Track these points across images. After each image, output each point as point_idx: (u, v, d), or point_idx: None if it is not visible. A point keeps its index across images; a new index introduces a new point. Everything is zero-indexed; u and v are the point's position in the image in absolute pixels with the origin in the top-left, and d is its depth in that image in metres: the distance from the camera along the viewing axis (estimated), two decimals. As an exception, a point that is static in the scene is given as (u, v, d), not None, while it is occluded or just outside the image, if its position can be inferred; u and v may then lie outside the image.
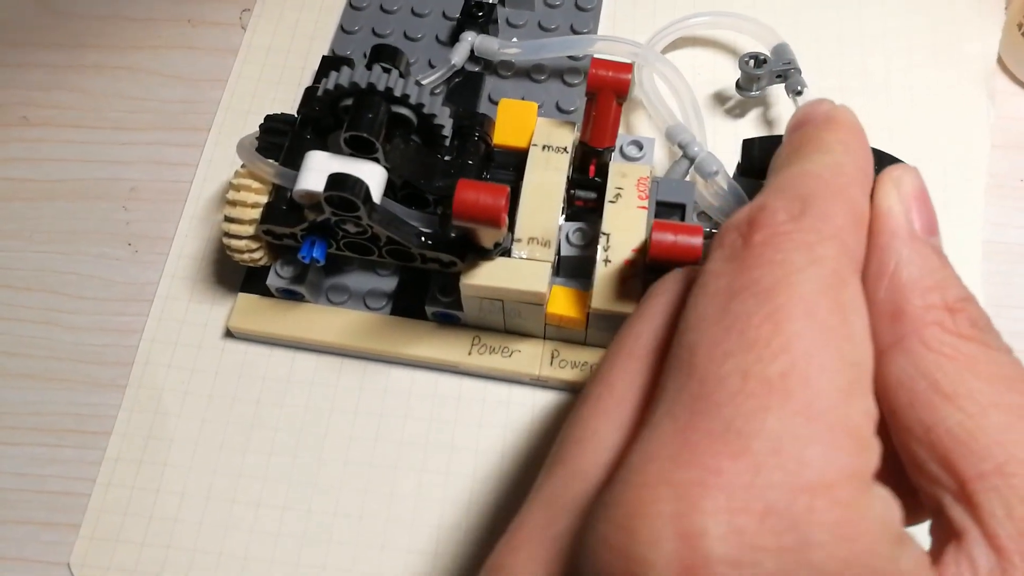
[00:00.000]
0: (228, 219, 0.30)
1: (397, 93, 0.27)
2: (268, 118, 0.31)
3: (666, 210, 0.29)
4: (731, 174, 0.31)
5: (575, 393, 0.32)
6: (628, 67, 0.28)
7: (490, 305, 0.30)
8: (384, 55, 0.29)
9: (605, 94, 0.29)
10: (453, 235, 0.28)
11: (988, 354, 0.17)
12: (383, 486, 0.30)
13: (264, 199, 0.30)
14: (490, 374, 0.32)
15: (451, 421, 0.31)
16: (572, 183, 0.31)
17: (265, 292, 0.32)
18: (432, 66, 0.37)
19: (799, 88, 0.35)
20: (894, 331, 0.17)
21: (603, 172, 0.30)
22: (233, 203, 0.30)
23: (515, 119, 0.31)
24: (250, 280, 0.33)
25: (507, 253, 0.28)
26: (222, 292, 0.34)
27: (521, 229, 0.29)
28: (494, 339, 0.32)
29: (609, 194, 0.29)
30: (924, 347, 0.17)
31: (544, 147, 0.30)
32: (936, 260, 0.18)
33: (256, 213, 0.30)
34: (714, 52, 0.39)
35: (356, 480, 0.31)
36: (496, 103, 0.36)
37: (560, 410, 0.32)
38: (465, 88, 0.37)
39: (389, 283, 0.33)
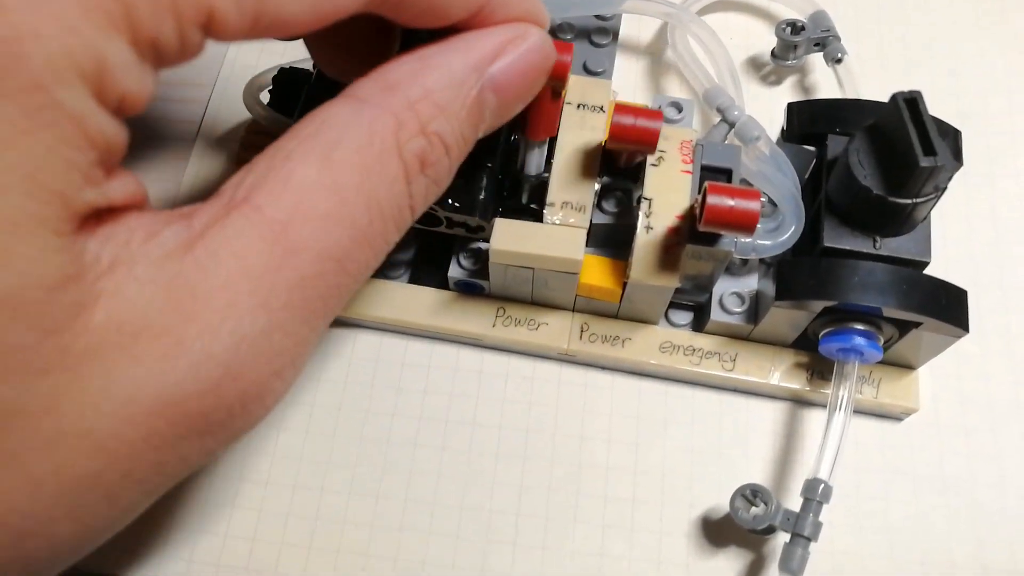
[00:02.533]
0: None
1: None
2: (282, 71, 0.29)
3: (711, 175, 0.27)
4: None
5: (604, 369, 0.30)
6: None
7: (518, 274, 0.28)
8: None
9: None
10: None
11: (392, 186, 0.16)
12: (400, 463, 0.29)
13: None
14: (514, 348, 0.30)
15: (473, 397, 0.30)
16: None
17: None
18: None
19: (838, 56, 0.33)
20: (380, 87, 0.16)
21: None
22: (243, 161, 0.28)
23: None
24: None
25: (540, 217, 0.27)
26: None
27: (554, 193, 0.27)
28: (520, 311, 0.30)
29: (651, 158, 0.27)
30: (370, 120, 0.16)
31: (579, 105, 0.28)
32: (464, 104, 0.17)
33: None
34: (748, 17, 0.37)
35: (371, 458, 0.29)
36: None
37: (589, 388, 0.30)
38: (487, 47, 0.35)
39: (407, 250, 0.31)
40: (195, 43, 0.14)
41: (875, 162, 0.25)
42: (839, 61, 0.33)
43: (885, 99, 0.30)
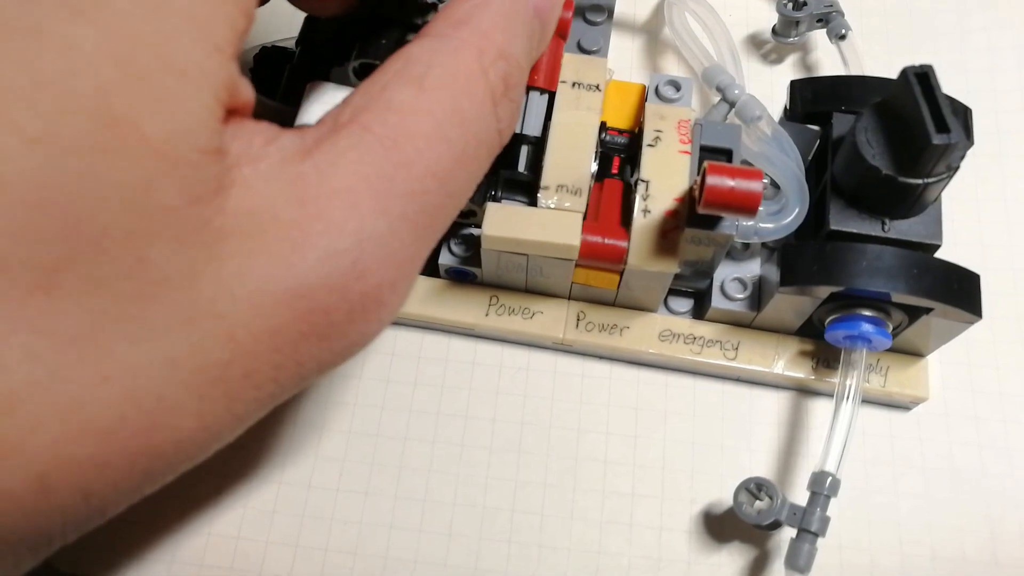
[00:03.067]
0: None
1: (416, 20, 0.24)
2: (263, 50, 0.28)
3: (710, 156, 0.26)
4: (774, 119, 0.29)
5: (602, 359, 0.29)
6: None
7: (511, 261, 0.27)
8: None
9: None
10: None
11: (481, 108, 0.17)
12: (390, 458, 0.28)
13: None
14: (508, 337, 0.29)
15: (465, 388, 0.29)
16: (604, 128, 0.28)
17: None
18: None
19: (842, 32, 0.32)
20: (452, 22, 0.17)
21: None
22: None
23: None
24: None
25: (534, 203, 0.25)
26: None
27: (549, 175, 0.26)
28: (514, 299, 0.29)
29: (647, 138, 0.26)
30: (453, 50, 0.16)
31: (574, 84, 0.27)
32: (525, 29, 0.18)
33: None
34: (747, -8, 0.35)
35: (359, 453, 0.28)
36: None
37: (585, 378, 0.29)
38: (478, 25, 0.34)
39: (396, 237, 0.30)
40: None
41: (884, 141, 0.24)
42: (843, 38, 0.32)
43: (891, 76, 0.29)
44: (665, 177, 0.25)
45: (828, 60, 0.34)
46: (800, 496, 0.25)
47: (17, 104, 0.11)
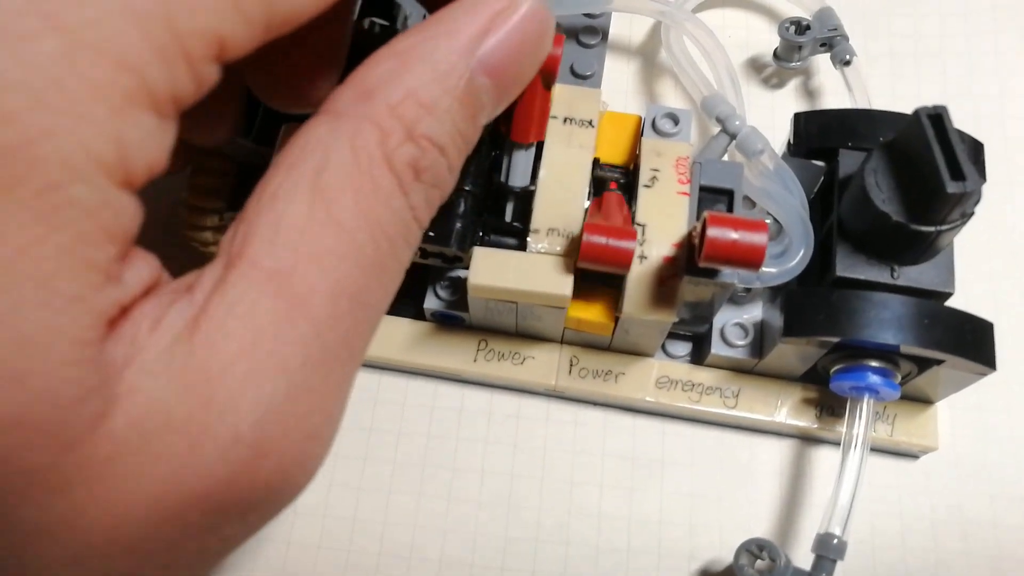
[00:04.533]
0: (191, 207, 0.25)
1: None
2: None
3: (711, 196, 0.25)
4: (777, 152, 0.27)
5: (596, 406, 0.28)
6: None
7: (500, 306, 0.25)
8: (377, 7, 0.25)
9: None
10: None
11: (389, 202, 0.14)
12: (374, 513, 0.26)
13: (229, 180, 0.25)
14: (498, 383, 0.28)
15: (452, 438, 0.27)
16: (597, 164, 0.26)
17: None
18: (427, 22, 0.32)
19: (847, 57, 0.31)
20: (356, 95, 0.15)
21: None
22: (195, 187, 0.25)
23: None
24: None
25: (523, 247, 0.24)
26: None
27: (539, 218, 0.24)
28: (503, 343, 0.27)
29: (643, 177, 0.25)
30: (351, 135, 0.14)
31: (566, 120, 0.25)
32: (454, 97, 0.15)
33: (220, 202, 0.25)
34: (748, 13, 0.34)
35: (339, 506, 0.26)
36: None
37: (579, 426, 0.27)
38: (465, 49, 0.32)
39: (379, 276, 0.28)
40: (211, 76, 0.13)
41: (894, 184, 0.23)
42: (847, 63, 0.31)
43: (897, 105, 0.27)
44: (663, 220, 0.24)
45: (831, 85, 0.32)
46: (804, 553, 0.24)
47: None
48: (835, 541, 0.23)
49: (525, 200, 0.25)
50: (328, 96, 0.15)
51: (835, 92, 0.32)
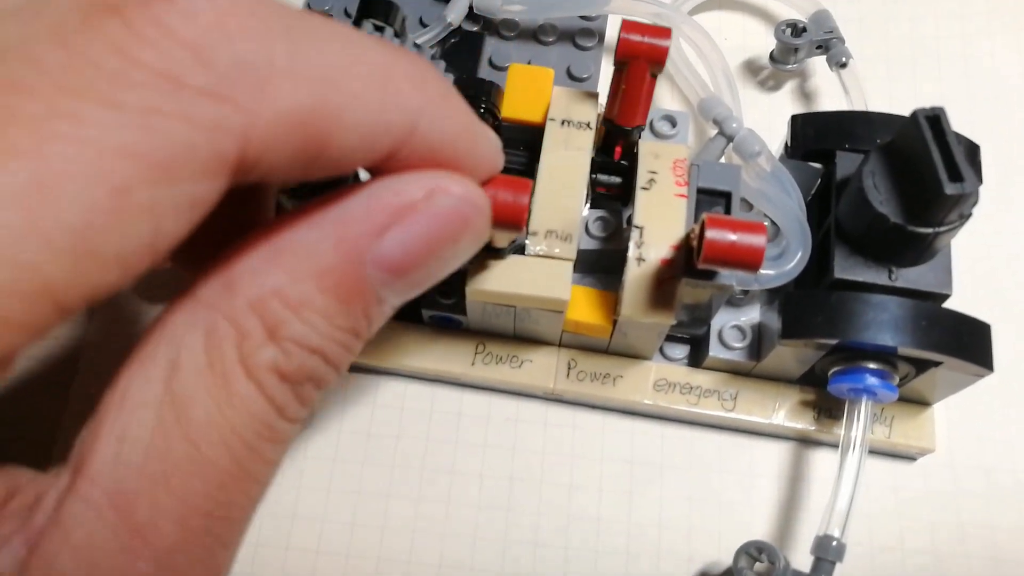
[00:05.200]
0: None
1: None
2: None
3: (708, 199, 0.25)
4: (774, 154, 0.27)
5: (594, 409, 0.28)
6: (666, 32, 0.24)
7: (498, 309, 0.25)
8: (375, 9, 0.24)
9: (638, 64, 0.24)
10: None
11: (247, 408, 0.13)
12: (372, 517, 0.26)
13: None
14: (496, 387, 0.28)
15: (451, 442, 0.27)
16: (595, 165, 0.26)
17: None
18: (424, 24, 0.32)
19: (843, 60, 0.31)
20: (220, 284, 0.13)
21: (630, 155, 0.26)
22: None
23: (528, 88, 0.26)
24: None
25: (521, 250, 0.24)
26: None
27: (537, 221, 0.24)
28: (501, 347, 0.27)
29: (641, 179, 0.25)
30: (207, 331, 0.13)
31: (563, 122, 0.25)
32: (331, 296, 0.13)
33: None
34: (744, 16, 0.34)
35: (338, 511, 0.26)
36: (498, 68, 0.32)
37: (577, 429, 0.27)
38: (462, 51, 0.32)
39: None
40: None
41: (892, 186, 0.23)
42: (844, 65, 0.31)
43: (893, 107, 0.27)
44: (660, 222, 0.24)
45: (828, 88, 0.32)
46: (803, 555, 0.24)
47: None
48: (834, 543, 0.23)
49: None
50: (196, 279, 0.13)
51: (832, 94, 0.32)
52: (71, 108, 0.10)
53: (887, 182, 0.23)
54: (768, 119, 0.32)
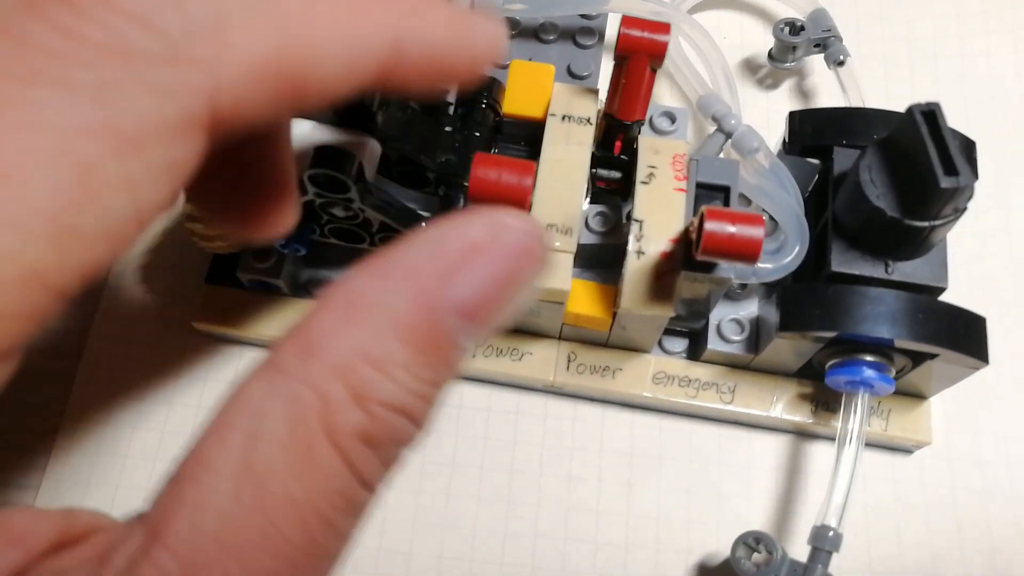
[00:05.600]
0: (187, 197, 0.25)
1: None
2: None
3: (707, 193, 0.25)
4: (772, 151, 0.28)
5: (594, 402, 0.28)
6: (665, 27, 0.24)
7: (499, 301, 0.26)
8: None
9: (638, 58, 0.24)
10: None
11: (329, 481, 0.12)
12: (373, 511, 0.26)
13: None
14: (496, 379, 0.28)
15: (451, 434, 0.27)
16: (595, 160, 0.26)
17: (235, 283, 0.28)
18: (425, 23, 0.33)
19: (840, 58, 0.31)
20: (298, 350, 0.13)
21: (629, 149, 0.26)
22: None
23: (529, 84, 0.27)
24: (217, 269, 0.28)
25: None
26: (184, 282, 0.29)
27: (538, 214, 0.24)
28: (502, 339, 0.27)
29: (640, 174, 0.25)
30: (288, 402, 0.12)
31: (564, 117, 0.26)
32: (414, 351, 0.13)
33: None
34: (743, 15, 0.34)
35: (342, 503, 0.26)
36: (500, 66, 0.32)
37: (577, 422, 0.28)
38: (463, 49, 0.32)
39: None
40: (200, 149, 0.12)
41: (888, 180, 0.23)
42: (841, 64, 0.31)
43: (890, 105, 0.28)
44: (660, 216, 0.24)
45: (825, 86, 0.33)
46: (800, 547, 0.24)
47: None
48: (831, 533, 0.23)
49: None
50: (275, 344, 0.13)
51: (829, 92, 0.33)
52: (22, 95, 0.10)
53: (884, 176, 0.23)
54: (766, 116, 0.32)
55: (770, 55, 0.32)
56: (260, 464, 0.12)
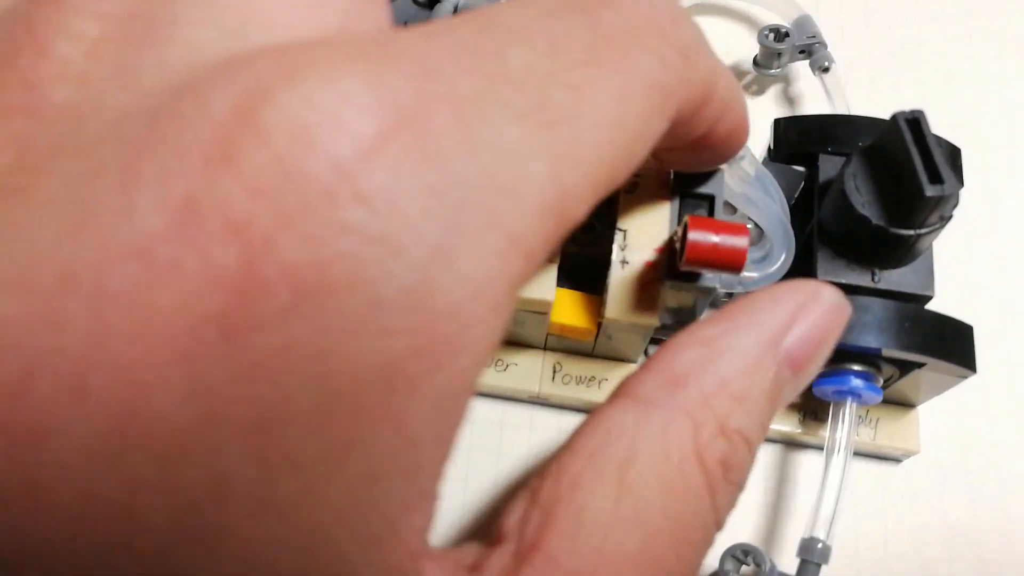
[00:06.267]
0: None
1: None
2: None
3: (692, 202, 0.25)
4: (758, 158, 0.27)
5: (580, 412, 0.28)
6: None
7: (482, 312, 0.25)
8: None
9: None
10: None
11: (696, 504, 0.13)
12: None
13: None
14: (481, 390, 0.27)
15: (436, 446, 0.27)
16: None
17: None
18: (408, 30, 0.32)
19: (825, 64, 0.31)
20: (665, 384, 0.14)
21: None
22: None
23: None
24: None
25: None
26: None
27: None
28: (486, 350, 0.27)
29: (624, 183, 0.25)
30: (663, 426, 0.13)
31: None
32: (764, 389, 0.14)
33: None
34: (727, 22, 0.34)
35: (324, 517, 0.26)
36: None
37: (563, 433, 0.27)
38: (447, 56, 0.32)
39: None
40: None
41: (874, 188, 0.23)
42: (826, 70, 0.31)
43: (876, 111, 0.28)
44: (644, 226, 0.24)
45: (811, 92, 0.33)
46: (788, 559, 0.24)
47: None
48: (819, 545, 0.23)
49: None
50: (627, 381, 0.14)
51: (814, 99, 0.32)
52: None
53: (869, 184, 0.23)
54: (752, 124, 0.32)
55: (755, 62, 0.32)
56: (637, 484, 0.12)
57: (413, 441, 0.10)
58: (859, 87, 0.32)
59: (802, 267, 0.25)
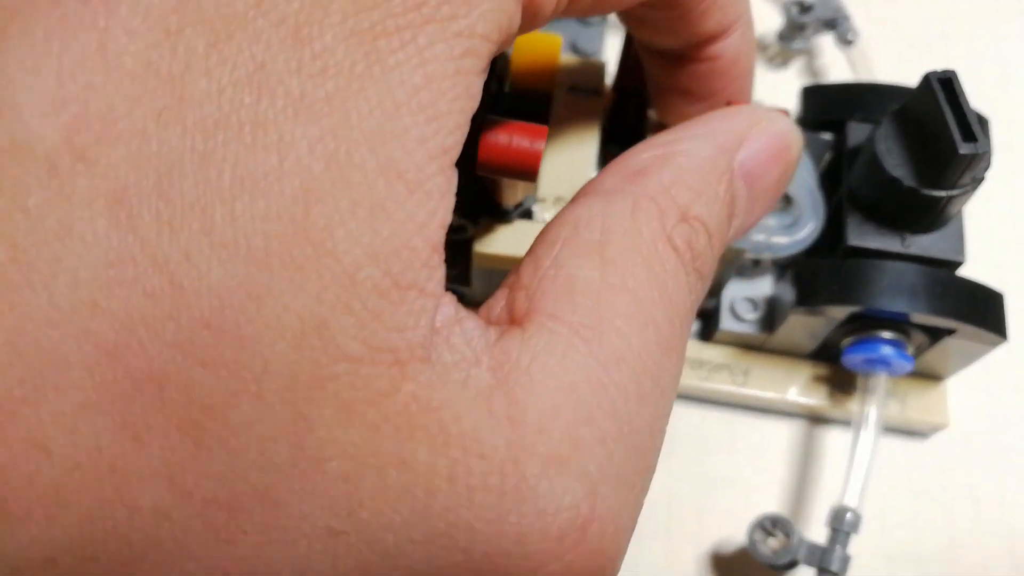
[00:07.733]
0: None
1: None
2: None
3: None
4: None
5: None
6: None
7: (503, 278, 0.25)
8: None
9: None
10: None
11: (677, 277, 0.13)
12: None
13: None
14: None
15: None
16: (606, 135, 0.26)
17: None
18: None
19: (850, 37, 0.31)
20: (627, 175, 0.14)
21: (641, 122, 0.26)
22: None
23: (535, 55, 0.26)
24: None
25: (528, 215, 0.24)
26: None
27: (545, 187, 0.24)
28: (506, 320, 0.27)
29: (650, 147, 0.24)
30: (630, 209, 0.13)
31: (571, 88, 0.25)
32: (719, 188, 0.14)
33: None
34: (749, -5, 0.34)
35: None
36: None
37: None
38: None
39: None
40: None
41: (905, 150, 0.23)
42: (850, 43, 0.31)
43: (902, 83, 0.27)
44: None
45: (835, 66, 0.32)
46: (815, 533, 0.23)
47: (215, 204, 0.10)
48: (849, 514, 0.23)
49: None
50: (587, 184, 0.14)
51: (839, 72, 0.32)
52: None
53: (900, 147, 0.23)
54: (776, 97, 0.32)
55: (780, 35, 0.32)
56: (617, 259, 0.13)
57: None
58: (883, 61, 0.32)
59: (831, 234, 0.25)
